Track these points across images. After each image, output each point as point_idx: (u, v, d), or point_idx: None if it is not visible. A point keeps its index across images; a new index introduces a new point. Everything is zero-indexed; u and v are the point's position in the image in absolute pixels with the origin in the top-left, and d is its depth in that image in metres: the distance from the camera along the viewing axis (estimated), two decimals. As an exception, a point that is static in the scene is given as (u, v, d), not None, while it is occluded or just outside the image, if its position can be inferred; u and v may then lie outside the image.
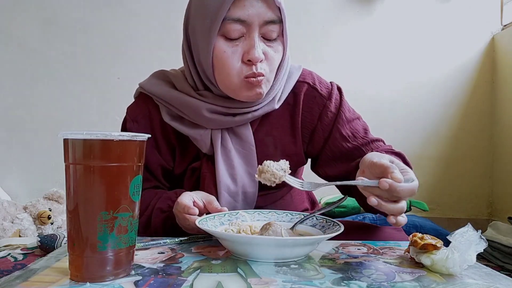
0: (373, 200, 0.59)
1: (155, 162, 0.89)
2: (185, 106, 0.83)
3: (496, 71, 2.16)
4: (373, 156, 0.65)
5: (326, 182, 0.70)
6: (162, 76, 0.90)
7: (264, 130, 0.88)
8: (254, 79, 0.77)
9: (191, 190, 0.86)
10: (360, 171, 0.66)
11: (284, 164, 0.68)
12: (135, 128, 0.88)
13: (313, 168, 0.95)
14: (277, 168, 0.67)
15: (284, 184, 0.93)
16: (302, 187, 0.69)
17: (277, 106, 0.86)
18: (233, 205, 0.85)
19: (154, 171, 0.90)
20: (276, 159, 0.87)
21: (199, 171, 0.87)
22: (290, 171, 0.69)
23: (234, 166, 0.85)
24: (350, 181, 0.64)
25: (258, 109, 0.84)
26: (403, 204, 0.60)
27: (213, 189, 0.84)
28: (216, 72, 0.79)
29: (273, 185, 0.68)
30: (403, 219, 0.61)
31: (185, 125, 0.85)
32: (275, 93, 0.85)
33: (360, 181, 0.61)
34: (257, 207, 0.89)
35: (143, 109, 0.88)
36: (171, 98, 0.84)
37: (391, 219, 0.60)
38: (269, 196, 0.92)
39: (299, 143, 0.89)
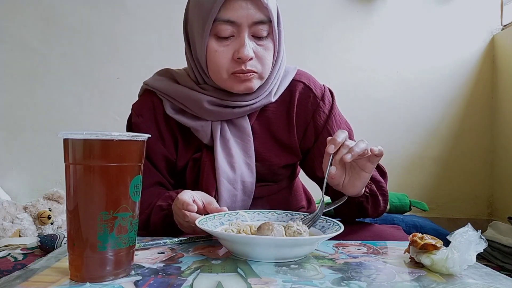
0: (347, 156, 0.68)
1: (159, 153, 0.91)
2: (187, 99, 0.87)
3: (496, 71, 2.16)
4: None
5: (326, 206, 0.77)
6: (166, 73, 0.95)
7: (262, 123, 0.92)
8: (242, 74, 0.82)
9: (193, 181, 0.91)
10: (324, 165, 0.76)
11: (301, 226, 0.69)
12: (140, 121, 0.91)
13: (301, 165, 0.99)
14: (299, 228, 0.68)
15: (282, 178, 0.96)
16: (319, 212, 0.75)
17: (273, 100, 0.90)
18: (232, 193, 0.88)
19: (158, 164, 0.92)
20: (273, 151, 0.92)
21: (200, 162, 0.90)
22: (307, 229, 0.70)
23: (232, 154, 0.88)
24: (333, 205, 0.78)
25: (256, 102, 0.88)
26: (362, 142, 0.70)
27: (213, 177, 0.87)
28: (209, 69, 0.84)
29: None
30: (377, 148, 0.70)
31: (187, 118, 0.89)
32: (271, 87, 0.89)
33: (327, 171, 0.72)
34: (256, 197, 0.91)
35: (147, 104, 0.92)
36: (174, 92, 0.89)
37: (374, 150, 0.70)
38: (268, 188, 0.95)
39: (293, 137, 0.93)
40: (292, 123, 0.92)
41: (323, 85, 0.97)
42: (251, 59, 0.81)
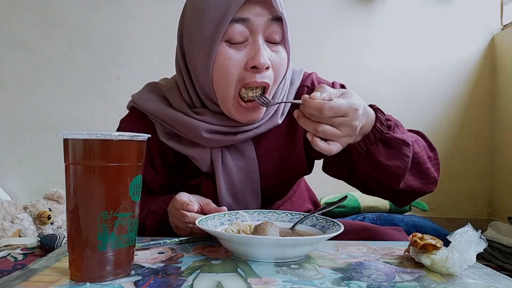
0: (308, 135, 0.63)
1: (152, 182, 0.87)
2: (181, 126, 0.79)
3: (496, 71, 2.16)
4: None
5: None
6: (155, 90, 0.86)
7: (265, 144, 0.84)
8: (249, 104, 0.74)
9: None
10: None
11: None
12: None
13: (324, 169, 0.89)
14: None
15: (285, 194, 0.91)
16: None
17: (280, 121, 0.82)
18: None
19: (152, 188, 0.88)
20: (278, 171, 0.85)
21: (198, 188, 0.85)
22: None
23: (235, 185, 0.82)
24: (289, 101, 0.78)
25: (260, 125, 0.81)
26: (330, 147, 0.63)
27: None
28: (216, 84, 0.74)
29: None
30: (322, 144, 0.63)
31: (183, 144, 0.81)
32: (277, 106, 0.82)
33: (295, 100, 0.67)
34: None
35: (137, 126, 0.84)
36: (167, 116, 0.80)
37: (308, 136, 0.64)
38: (270, 205, 0.91)
39: (300, 154, 0.86)
40: (298, 136, 0.84)
41: (333, 82, 0.88)
42: (267, 68, 0.72)
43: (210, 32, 0.71)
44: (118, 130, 0.88)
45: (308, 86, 0.86)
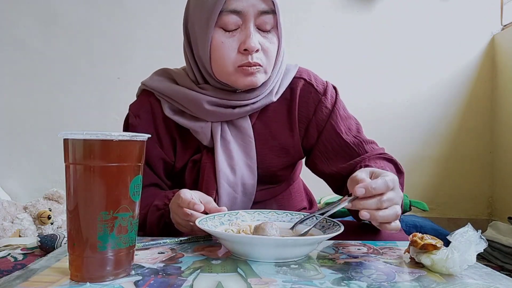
0: (364, 214, 0.60)
1: (157, 155, 0.90)
2: (186, 99, 0.86)
3: (496, 71, 2.16)
4: (355, 173, 0.66)
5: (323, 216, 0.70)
6: (164, 73, 0.94)
7: (262, 123, 0.91)
8: (249, 68, 0.81)
9: (192, 183, 0.90)
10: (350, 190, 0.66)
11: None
12: (138, 123, 0.90)
13: (307, 163, 0.97)
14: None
15: (283, 179, 0.95)
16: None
17: (275, 99, 0.89)
18: (232, 196, 0.87)
19: (155, 166, 0.91)
20: (274, 152, 0.91)
21: (200, 164, 0.89)
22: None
23: (233, 157, 0.87)
24: (334, 207, 0.65)
25: (257, 101, 0.87)
26: (395, 209, 0.63)
27: (213, 179, 0.86)
28: (213, 63, 0.83)
29: None
30: (395, 225, 0.63)
31: (186, 119, 0.88)
32: (272, 85, 0.88)
33: (343, 203, 0.63)
34: (256, 201, 0.91)
35: (145, 104, 0.91)
36: (173, 92, 0.88)
37: (385, 226, 0.62)
38: (269, 191, 0.94)
39: (296, 136, 0.92)
40: (294, 122, 0.91)
41: (326, 81, 0.95)
42: (257, 51, 0.80)
43: (206, 19, 0.80)
44: (128, 114, 0.94)
45: (305, 79, 0.92)
